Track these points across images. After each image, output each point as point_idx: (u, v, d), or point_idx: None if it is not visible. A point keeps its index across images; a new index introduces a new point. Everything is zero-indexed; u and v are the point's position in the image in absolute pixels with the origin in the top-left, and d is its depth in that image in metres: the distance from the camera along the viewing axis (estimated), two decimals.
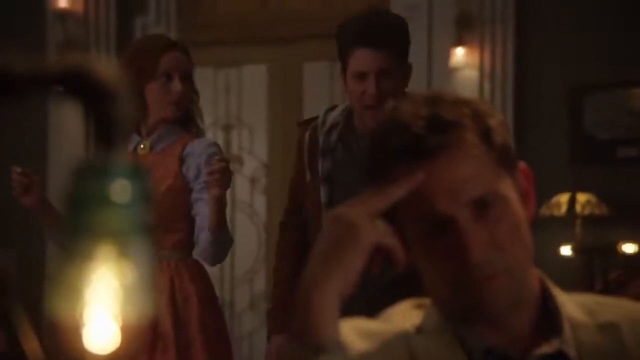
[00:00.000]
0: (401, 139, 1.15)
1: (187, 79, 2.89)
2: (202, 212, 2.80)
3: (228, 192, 2.79)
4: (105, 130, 0.61)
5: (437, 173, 1.14)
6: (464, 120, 1.16)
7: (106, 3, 5.42)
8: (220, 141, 5.34)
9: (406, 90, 2.67)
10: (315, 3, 5.31)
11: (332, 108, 2.75)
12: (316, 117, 2.76)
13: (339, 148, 2.68)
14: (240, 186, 5.37)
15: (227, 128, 5.52)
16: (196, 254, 2.91)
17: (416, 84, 5.03)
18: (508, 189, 1.18)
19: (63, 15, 5.32)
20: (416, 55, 5.12)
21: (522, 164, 1.23)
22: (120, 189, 0.60)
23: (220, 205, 2.73)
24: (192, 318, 2.83)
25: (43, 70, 0.61)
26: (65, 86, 0.62)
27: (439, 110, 1.15)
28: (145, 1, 5.49)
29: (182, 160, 2.87)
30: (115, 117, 0.61)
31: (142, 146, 2.92)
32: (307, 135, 2.74)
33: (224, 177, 2.68)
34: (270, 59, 5.39)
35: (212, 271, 3.07)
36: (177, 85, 2.84)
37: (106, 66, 0.62)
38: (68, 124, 5.30)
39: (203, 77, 3.05)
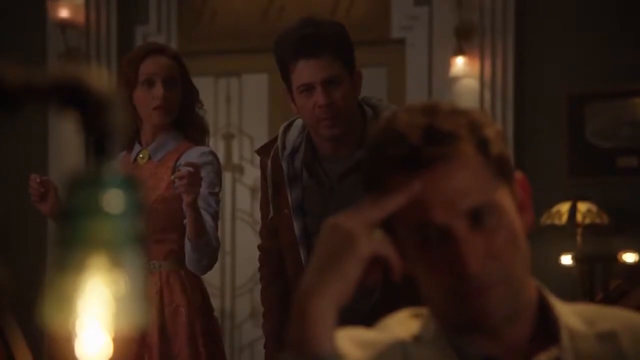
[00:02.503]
0: (397, 149, 1.15)
1: (172, 83, 2.84)
2: None
3: (229, 201, 2.76)
4: (97, 141, 0.61)
5: (433, 184, 1.14)
6: (460, 131, 1.16)
7: (107, 13, 5.43)
8: (221, 150, 5.34)
9: (366, 97, 2.57)
10: (315, 13, 5.31)
11: (290, 124, 2.61)
12: (275, 140, 2.62)
13: (304, 175, 2.54)
14: (241, 195, 5.36)
15: (228, 137, 5.52)
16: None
17: (417, 94, 5.08)
18: (505, 199, 1.18)
19: (64, 25, 5.32)
20: (417, 65, 5.20)
21: (518, 174, 1.23)
22: (113, 200, 0.60)
23: (194, 211, 2.68)
24: (180, 330, 2.79)
25: (35, 82, 0.61)
26: (58, 97, 0.62)
27: (435, 121, 1.16)
28: (146, 11, 5.49)
29: (175, 170, 2.81)
30: (107, 128, 0.61)
31: (141, 156, 2.91)
32: (269, 163, 2.60)
33: (191, 182, 2.61)
34: (270, 68, 5.35)
35: (213, 281, 3.04)
36: (158, 89, 2.80)
37: (99, 77, 0.62)
38: (68, 133, 5.30)
39: (204, 87, 3.02)
